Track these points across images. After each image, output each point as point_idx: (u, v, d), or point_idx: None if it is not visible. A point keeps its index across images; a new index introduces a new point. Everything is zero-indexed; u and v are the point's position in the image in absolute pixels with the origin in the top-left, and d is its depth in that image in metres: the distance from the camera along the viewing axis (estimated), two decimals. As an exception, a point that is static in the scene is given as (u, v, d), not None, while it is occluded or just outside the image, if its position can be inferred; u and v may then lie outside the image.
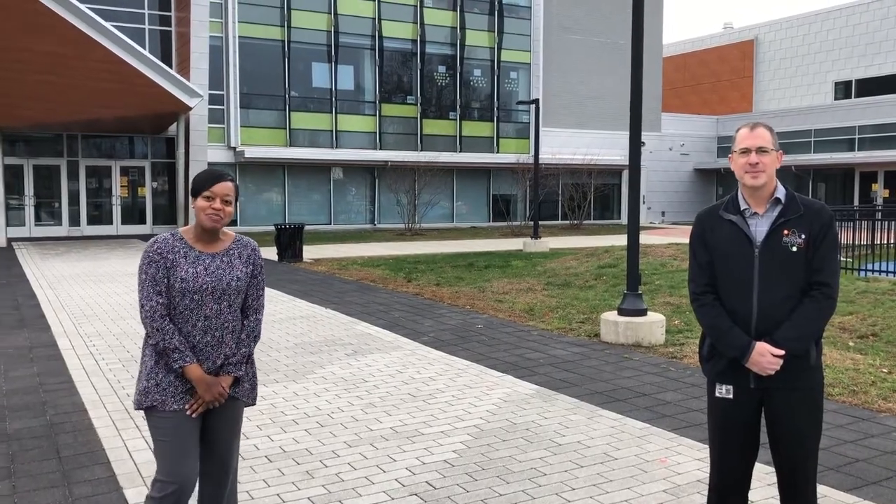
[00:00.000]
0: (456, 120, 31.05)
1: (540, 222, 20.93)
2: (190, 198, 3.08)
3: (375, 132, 29.33)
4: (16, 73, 17.35)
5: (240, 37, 26.45)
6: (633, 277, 8.41)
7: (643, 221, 32.86)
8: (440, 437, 5.13)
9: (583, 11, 33.98)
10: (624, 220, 34.10)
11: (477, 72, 31.51)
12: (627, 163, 9.15)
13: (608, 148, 33.93)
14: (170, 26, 25.87)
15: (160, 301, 3.01)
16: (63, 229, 24.64)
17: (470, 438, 5.11)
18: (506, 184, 32.05)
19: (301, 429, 5.33)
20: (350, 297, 11.61)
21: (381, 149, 29.26)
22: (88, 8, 17.90)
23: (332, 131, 28.45)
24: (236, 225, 26.72)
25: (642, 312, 8.25)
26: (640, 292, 8.43)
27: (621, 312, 8.30)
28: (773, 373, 2.91)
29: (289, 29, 27.36)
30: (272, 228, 18.85)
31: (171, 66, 24.12)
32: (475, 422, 5.47)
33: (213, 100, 25.53)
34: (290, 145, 27.62)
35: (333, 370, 7.03)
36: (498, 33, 31.55)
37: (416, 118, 30.17)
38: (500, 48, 31.65)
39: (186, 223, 23.38)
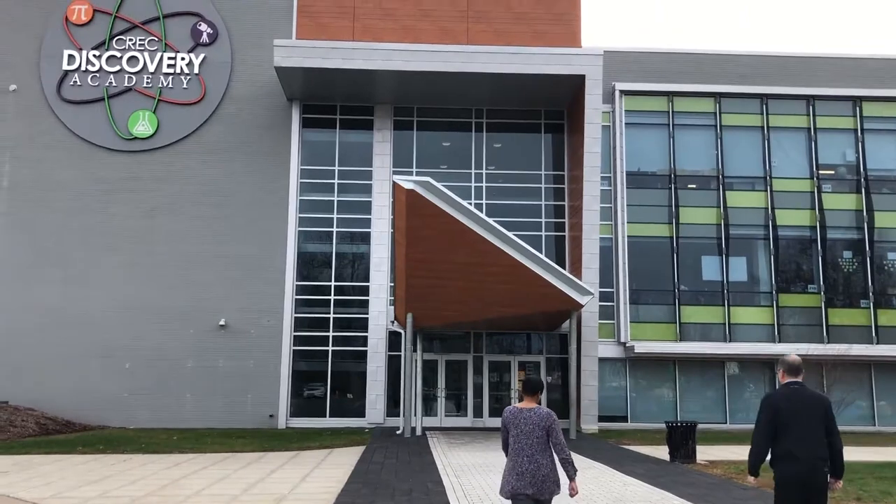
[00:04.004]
0: (869, 308, 27.79)
1: None
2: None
3: (773, 324, 27.49)
4: (441, 281, 20.40)
5: (628, 236, 27.50)
6: None
7: None
8: None
9: None
10: None
11: (892, 255, 28.27)
12: None
13: None
14: (563, 231, 28.03)
15: None
16: (468, 420, 26.73)
17: None
18: (941, 380, 27.20)
19: None
20: (751, 507, 10.49)
21: (779, 341, 27.18)
22: (496, 221, 20.39)
23: (724, 324, 27.38)
24: (627, 421, 26.50)
25: None
26: None
27: None
28: None
29: (677, 225, 27.78)
30: (663, 426, 18.24)
31: (563, 268, 25.85)
32: None
33: (603, 297, 26.48)
34: (681, 339, 27.12)
35: (734, 592, 6.26)
36: (915, 212, 28.30)
37: (820, 308, 27.69)
38: (919, 227, 28.23)
39: (579, 416, 23.82)
